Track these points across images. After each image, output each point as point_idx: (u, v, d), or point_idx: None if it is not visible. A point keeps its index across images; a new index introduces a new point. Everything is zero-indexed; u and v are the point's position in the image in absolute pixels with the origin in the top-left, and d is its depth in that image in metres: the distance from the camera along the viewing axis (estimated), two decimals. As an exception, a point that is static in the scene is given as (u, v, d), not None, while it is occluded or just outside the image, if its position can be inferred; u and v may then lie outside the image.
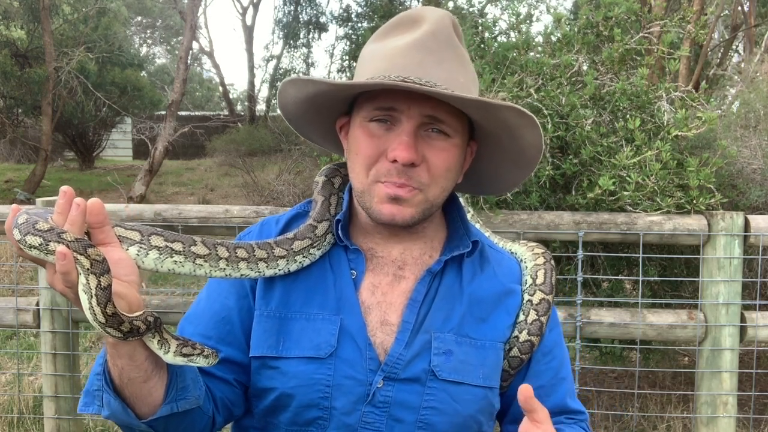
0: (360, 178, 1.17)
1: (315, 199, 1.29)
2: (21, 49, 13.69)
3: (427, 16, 1.15)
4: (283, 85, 1.20)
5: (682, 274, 3.34)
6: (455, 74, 1.13)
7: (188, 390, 1.08)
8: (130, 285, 0.97)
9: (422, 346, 1.17)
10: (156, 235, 1.05)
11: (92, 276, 0.89)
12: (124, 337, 0.95)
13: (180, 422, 1.09)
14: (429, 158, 1.13)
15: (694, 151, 3.21)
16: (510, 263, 1.34)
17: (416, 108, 1.11)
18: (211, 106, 32.27)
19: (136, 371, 1.00)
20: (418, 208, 1.16)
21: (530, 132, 1.16)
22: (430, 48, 1.12)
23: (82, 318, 2.95)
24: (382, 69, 1.12)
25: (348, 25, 15.08)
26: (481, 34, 3.74)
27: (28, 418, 3.51)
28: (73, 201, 0.92)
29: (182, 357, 1.00)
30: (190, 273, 1.08)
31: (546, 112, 2.99)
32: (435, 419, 1.16)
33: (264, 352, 1.19)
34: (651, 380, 4.26)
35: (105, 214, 0.96)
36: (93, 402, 1.05)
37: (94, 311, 0.90)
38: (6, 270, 6.76)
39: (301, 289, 1.21)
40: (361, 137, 1.16)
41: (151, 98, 16.40)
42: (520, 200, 3.06)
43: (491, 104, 1.10)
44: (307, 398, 1.15)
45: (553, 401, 1.27)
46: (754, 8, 10.27)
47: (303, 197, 9.41)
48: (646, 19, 3.46)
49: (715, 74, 9.81)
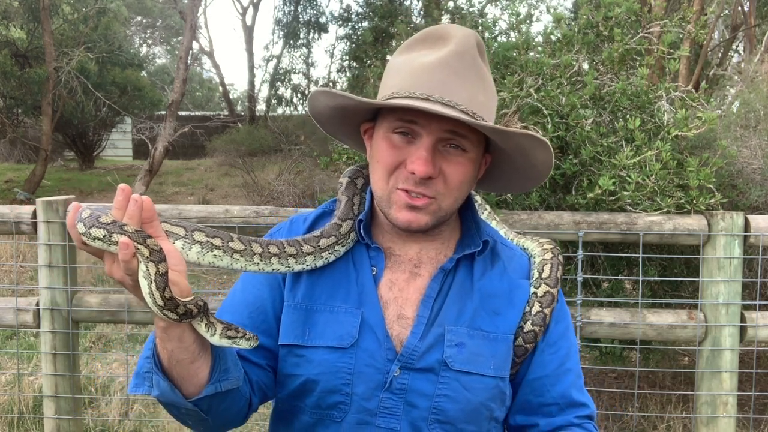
0: (380, 184, 1.27)
1: (339, 198, 1.39)
2: (21, 49, 13.69)
3: (453, 35, 1.23)
4: (316, 93, 1.29)
5: (682, 274, 3.35)
6: (476, 94, 1.21)
7: (230, 371, 1.17)
8: (180, 274, 1.06)
9: (436, 338, 1.26)
10: (198, 231, 1.15)
11: (151, 263, 0.98)
12: (179, 319, 1.03)
13: (221, 402, 1.18)
14: (445, 171, 1.22)
15: (694, 151, 3.21)
16: (521, 259, 1.42)
17: (436, 125, 1.20)
18: (212, 106, 32.27)
19: (185, 353, 1.09)
20: (433, 216, 1.25)
21: (542, 152, 1.25)
22: (454, 68, 1.20)
23: (82, 318, 2.95)
24: (408, 84, 1.20)
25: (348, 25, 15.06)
26: (481, 34, 3.74)
27: (28, 418, 3.51)
28: (131, 197, 1.01)
29: (227, 339, 1.09)
30: (228, 267, 1.19)
31: (546, 112, 2.99)
32: (447, 406, 1.24)
33: (291, 340, 1.29)
34: (651, 380, 4.26)
35: (154, 211, 1.05)
36: (143, 383, 1.14)
37: (154, 295, 0.99)
38: (6, 270, 6.76)
39: (326, 284, 1.31)
40: (383, 147, 1.25)
41: (151, 98, 16.40)
42: (520, 200, 3.06)
43: (508, 132, 1.20)
44: (330, 384, 1.24)
45: (558, 391, 1.33)
46: (754, 8, 10.27)
47: (303, 197, 9.42)
48: (646, 19, 3.46)
49: (715, 74, 9.81)
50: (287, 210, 2.82)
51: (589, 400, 1.36)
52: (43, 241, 2.80)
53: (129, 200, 1.01)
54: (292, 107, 18.55)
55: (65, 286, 2.84)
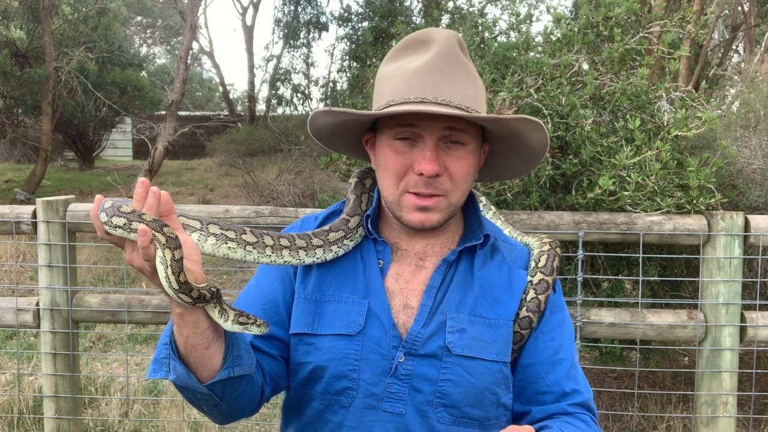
0: (390, 190, 1.33)
1: (348, 197, 1.46)
2: (21, 49, 13.68)
3: (435, 38, 1.30)
4: (316, 114, 1.36)
5: (682, 274, 3.35)
6: (466, 89, 1.28)
7: (242, 358, 1.23)
8: (195, 263, 1.13)
9: (438, 325, 1.32)
10: (213, 224, 1.22)
11: (167, 250, 1.05)
12: (194, 303, 1.10)
13: (235, 387, 1.24)
14: (450, 167, 1.29)
15: (694, 151, 3.21)
16: (521, 252, 1.49)
17: (435, 124, 1.27)
18: (212, 106, 32.25)
19: (200, 338, 1.16)
20: (444, 212, 1.33)
21: (538, 132, 1.32)
22: (441, 68, 1.27)
23: (82, 318, 2.95)
24: (401, 91, 1.27)
25: (348, 25, 15.05)
26: (481, 34, 3.75)
27: (28, 418, 3.51)
28: (150, 190, 1.08)
29: (239, 325, 1.16)
30: (242, 258, 1.25)
31: (546, 112, 2.99)
32: (451, 390, 1.29)
33: (301, 329, 1.35)
34: (651, 380, 4.26)
35: (172, 204, 1.12)
36: (161, 368, 1.20)
37: (170, 279, 1.06)
38: (6, 270, 6.76)
39: (335, 276, 1.38)
40: (389, 154, 1.31)
41: (151, 98, 16.37)
42: (520, 200, 3.06)
43: (502, 119, 1.27)
44: (338, 370, 1.31)
45: (552, 380, 1.37)
46: (754, 8, 10.27)
47: (303, 197, 9.41)
48: (646, 19, 3.46)
49: (715, 74, 9.81)
50: (287, 210, 2.82)
51: (585, 387, 1.39)
52: (43, 241, 2.80)
53: (148, 192, 1.08)
54: (292, 107, 18.53)
55: (65, 286, 2.84)
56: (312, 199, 9.03)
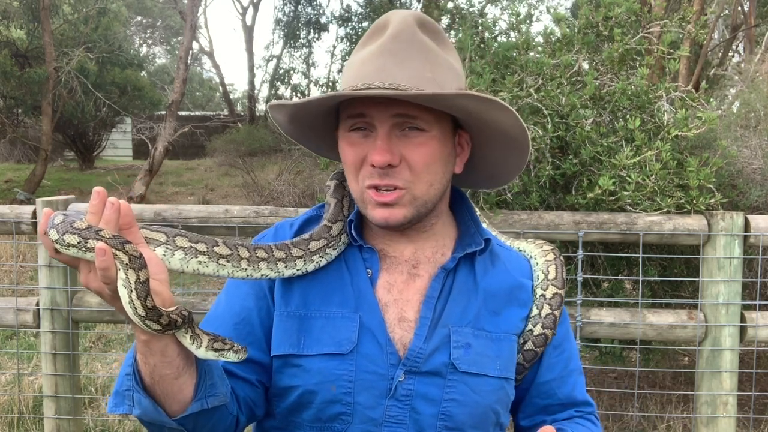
0: (353, 186, 1.22)
1: (328, 201, 1.32)
2: (21, 49, 13.68)
3: (391, 20, 1.18)
4: (270, 112, 1.26)
5: (682, 274, 3.34)
6: (421, 71, 1.14)
7: (216, 387, 1.10)
8: (161, 283, 0.99)
9: (441, 340, 1.21)
10: (181, 237, 1.07)
11: (131, 271, 0.91)
12: (163, 330, 0.96)
13: (208, 420, 1.12)
14: (407, 156, 1.16)
15: (694, 151, 3.21)
16: (519, 259, 1.39)
17: (384, 111, 1.15)
18: (212, 106, 32.25)
19: (168, 368, 1.03)
20: (410, 207, 1.19)
21: (502, 114, 1.16)
22: (391, 50, 1.15)
23: (82, 318, 2.95)
24: (351, 79, 1.17)
25: (348, 25, 15.07)
26: (481, 34, 3.74)
27: (28, 418, 3.51)
28: (107, 201, 0.94)
29: (214, 352, 1.02)
30: (214, 273, 1.11)
31: (546, 112, 2.99)
32: (456, 411, 1.19)
33: (286, 350, 1.21)
34: (651, 380, 4.26)
35: (132, 216, 0.98)
36: (123, 402, 1.07)
37: (134, 305, 0.92)
38: (6, 270, 6.76)
39: (319, 289, 1.24)
40: (345, 147, 1.20)
41: (151, 98, 16.38)
42: (520, 200, 3.06)
43: (438, 95, 1.12)
44: (330, 394, 1.17)
45: (564, 393, 1.33)
46: (754, 8, 10.27)
47: (303, 197, 9.41)
48: (646, 19, 3.46)
49: (715, 74, 9.81)
50: (287, 210, 2.82)
51: (590, 398, 1.38)
52: (43, 241, 2.80)
53: (105, 204, 0.94)
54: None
55: (65, 286, 2.84)
56: (312, 199, 9.02)
